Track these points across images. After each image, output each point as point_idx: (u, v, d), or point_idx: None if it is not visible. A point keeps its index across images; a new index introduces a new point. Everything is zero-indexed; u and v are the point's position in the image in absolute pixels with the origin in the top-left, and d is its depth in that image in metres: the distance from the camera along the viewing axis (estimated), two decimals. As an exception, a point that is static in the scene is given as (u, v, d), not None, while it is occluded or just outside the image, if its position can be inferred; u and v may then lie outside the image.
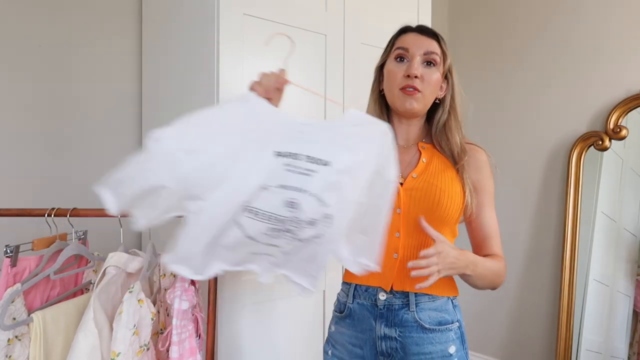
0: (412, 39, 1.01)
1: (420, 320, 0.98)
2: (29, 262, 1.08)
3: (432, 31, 1.02)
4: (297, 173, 0.79)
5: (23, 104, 1.53)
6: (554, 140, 2.22)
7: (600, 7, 2.09)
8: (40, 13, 1.56)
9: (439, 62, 1.00)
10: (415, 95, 0.98)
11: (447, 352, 0.98)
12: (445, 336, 0.99)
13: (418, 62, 0.99)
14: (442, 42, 1.02)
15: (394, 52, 1.03)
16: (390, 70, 1.02)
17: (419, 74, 0.97)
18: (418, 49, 0.99)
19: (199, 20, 1.40)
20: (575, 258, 2.08)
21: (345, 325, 1.05)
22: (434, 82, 0.99)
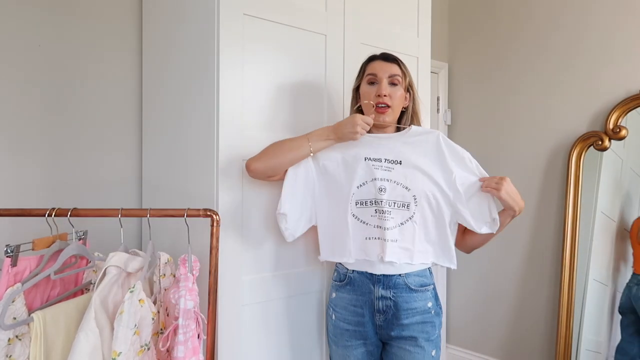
0: (379, 65, 1.33)
1: (408, 284, 1.28)
2: (29, 262, 1.08)
3: (393, 57, 1.35)
4: (382, 169, 1.28)
5: (23, 104, 1.53)
6: (554, 140, 2.22)
7: (600, 8, 2.09)
8: (40, 13, 1.56)
9: (401, 81, 1.32)
10: (387, 112, 1.31)
11: (426, 306, 1.29)
12: (425, 295, 1.30)
13: (385, 84, 1.31)
14: (402, 65, 1.34)
15: (366, 77, 1.34)
16: (365, 92, 1.34)
17: (387, 93, 1.30)
18: (384, 73, 1.31)
19: (199, 20, 1.40)
20: (575, 258, 2.08)
21: (345, 291, 1.33)
22: (398, 97, 1.32)
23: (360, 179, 1.28)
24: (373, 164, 1.28)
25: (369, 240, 1.27)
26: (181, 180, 1.51)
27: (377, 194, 1.26)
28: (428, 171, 1.29)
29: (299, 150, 1.29)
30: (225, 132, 1.34)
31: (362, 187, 1.28)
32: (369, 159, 1.29)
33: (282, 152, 1.28)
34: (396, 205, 1.27)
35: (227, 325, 1.36)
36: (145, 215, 1.15)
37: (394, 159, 1.30)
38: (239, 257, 1.38)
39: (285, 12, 1.47)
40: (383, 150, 1.31)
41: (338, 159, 1.33)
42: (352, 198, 1.28)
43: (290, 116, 1.50)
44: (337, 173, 1.32)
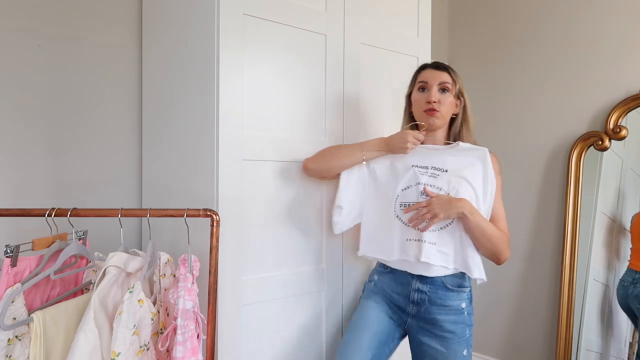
0: (429, 73, 1.41)
1: (445, 282, 1.35)
2: (29, 262, 1.08)
3: (444, 66, 1.42)
4: (427, 175, 1.35)
5: (23, 103, 1.53)
6: (554, 140, 2.22)
7: (600, 7, 2.09)
8: (40, 13, 1.56)
9: (451, 89, 1.39)
10: (436, 114, 1.38)
11: (460, 306, 1.35)
12: (460, 296, 1.36)
13: (435, 91, 1.38)
14: (452, 73, 1.41)
15: (417, 84, 1.43)
16: (416, 99, 1.43)
17: (436, 99, 1.37)
18: (434, 80, 1.39)
19: (199, 20, 1.40)
20: (575, 258, 2.08)
21: (387, 278, 1.43)
22: (448, 103, 1.39)
23: (406, 183, 1.37)
24: (419, 170, 1.37)
25: (409, 241, 1.35)
26: (181, 180, 1.51)
27: (420, 197, 1.34)
28: (472, 182, 1.34)
29: (353, 157, 1.42)
30: (225, 132, 1.34)
31: (407, 190, 1.36)
32: (416, 166, 1.38)
33: (338, 157, 1.43)
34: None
35: (227, 325, 1.36)
36: (145, 215, 1.15)
37: (440, 167, 1.37)
38: (239, 257, 1.38)
39: (285, 12, 1.46)
40: (431, 159, 1.39)
41: (387, 164, 1.44)
42: (397, 200, 1.37)
43: (290, 116, 1.50)
44: (385, 176, 1.43)
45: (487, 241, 1.30)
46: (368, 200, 1.46)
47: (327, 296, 1.59)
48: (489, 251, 1.33)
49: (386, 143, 1.40)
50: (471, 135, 1.44)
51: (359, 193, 1.46)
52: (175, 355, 1.06)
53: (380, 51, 1.73)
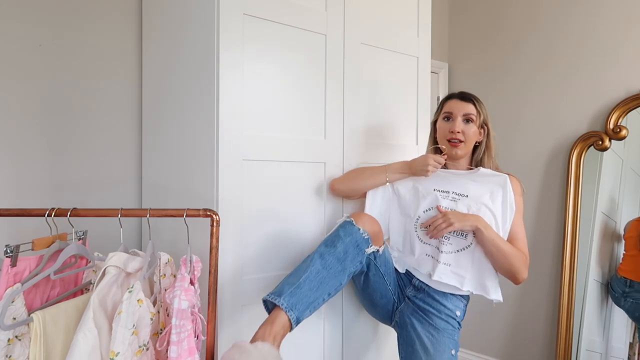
0: (455, 104, 1.46)
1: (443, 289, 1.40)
2: (29, 262, 1.08)
3: (469, 97, 1.46)
4: (448, 199, 1.41)
5: (23, 103, 1.53)
6: (554, 140, 2.22)
7: (600, 9, 2.09)
8: (40, 13, 1.56)
9: (475, 120, 1.44)
10: (459, 146, 1.44)
11: (454, 313, 1.42)
12: (457, 302, 1.43)
13: (460, 122, 1.43)
14: (477, 104, 1.45)
15: (442, 114, 1.48)
16: (440, 127, 1.49)
17: (460, 129, 1.43)
18: (459, 111, 1.44)
19: (199, 20, 1.40)
20: (575, 258, 2.08)
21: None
22: (472, 133, 1.44)
23: (427, 205, 1.43)
24: (440, 194, 1.43)
25: (426, 257, 1.43)
26: (181, 180, 1.51)
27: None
28: (492, 208, 1.38)
29: (377, 178, 1.50)
30: (225, 132, 1.34)
31: (428, 212, 1.43)
32: (437, 190, 1.44)
33: (363, 179, 1.51)
34: (455, 233, 1.38)
35: (227, 325, 1.36)
36: (145, 215, 1.15)
37: (461, 192, 1.42)
38: (239, 256, 1.38)
39: (285, 12, 1.46)
40: (452, 184, 1.44)
41: (410, 186, 1.51)
42: (418, 221, 1.44)
43: (290, 116, 1.50)
44: (407, 198, 1.50)
45: (503, 257, 1.33)
46: (392, 217, 1.53)
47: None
48: (505, 269, 1.36)
49: (409, 166, 1.47)
50: (493, 163, 1.49)
51: (383, 212, 1.53)
52: (169, 355, 1.06)
53: (380, 51, 1.73)
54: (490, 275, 1.38)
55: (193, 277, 1.24)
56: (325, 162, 1.57)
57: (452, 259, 1.37)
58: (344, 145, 1.62)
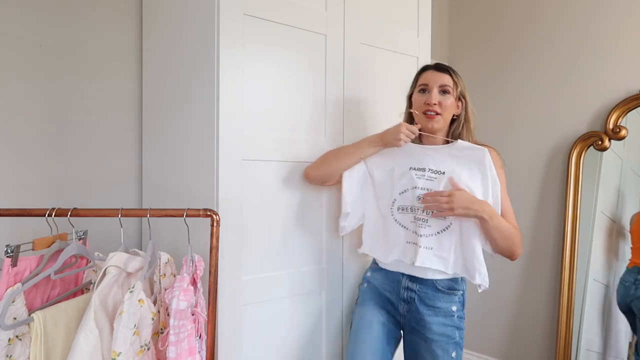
0: (430, 75, 1.39)
1: (436, 283, 1.35)
2: (29, 262, 1.08)
3: (445, 67, 1.40)
4: (424, 179, 1.34)
5: (23, 103, 1.53)
6: (554, 140, 2.22)
7: (600, 8, 2.09)
8: (41, 13, 1.56)
9: (451, 91, 1.37)
10: (436, 118, 1.36)
11: (450, 309, 1.35)
12: (451, 298, 1.35)
13: (435, 93, 1.36)
14: (454, 75, 1.39)
15: (418, 86, 1.41)
16: (416, 100, 1.41)
17: (436, 101, 1.35)
18: (435, 83, 1.37)
19: (199, 20, 1.40)
20: (575, 258, 2.08)
21: (380, 274, 1.45)
22: (449, 105, 1.37)
23: (403, 187, 1.37)
24: (416, 173, 1.36)
25: (408, 244, 1.37)
26: (181, 180, 1.51)
27: (416, 201, 1.34)
28: (469, 184, 1.31)
29: (351, 156, 1.43)
30: (225, 132, 1.34)
31: (404, 193, 1.37)
32: (413, 168, 1.37)
33: (337, 160, 1.44)
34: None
35: (227, 325, 1.36)
36: (145, 215, 1.15)
37: (437, 169, 1.35)
38: (239, 256, 1.38)
39: (285, 12, 1.47)
40: (428, 160, 1.37)
41: (386, 167, 1.43)
42: (395, 204, 1.39)
43: (290, 116, 1.50)
44: (383, 179, 1.43)
45: (505, 240, 1.29)
46: (368, 201, 1.47)
47: (327, 296, 1.59)
48: (505, 249, 1.31)
49: (381, 137, 1.40)
50: (472, 137, 1.42)
51: (360, 194, 1.47)
52: (168, 355, 1.06)
53: (380, 51, 1.73)
54: (474, 258, 1.30)
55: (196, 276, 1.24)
56: (326, 162, 1.57)
57: (433, 242, 1.32)
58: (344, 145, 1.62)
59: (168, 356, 1.05)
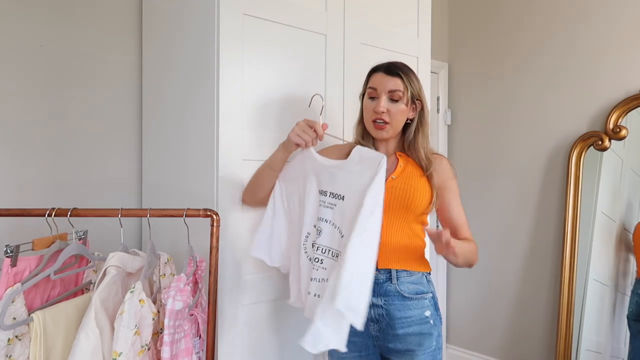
0: (380, 79, 1.25)
1: (401, 291, 1.22)
2: (29, 262, 1.08)
3: (396, 70, 1.25)
4: (325, 207, 1.20)
5: (24, 103, 1.53)
6: (554, 140, 2.22)
7: (600, 8, 2.09)
8: (41, 13, 1.56)
9: (402, 96, 1.24)
10: (385, 128, 1.25)
11: (423, 315, 1.22)
12: (421, 303, 1.23)
13: (384, 100, 1.23)
14: (405, 77, 1.24)
15: (368, 89, 1.28)
16: (365, 106, 1.29)
17: (384, 109, 1.23)
18: (384, 88, 1.24)
19: (199, 20, 1.40)
20: (575, 258, 2.08)
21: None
22: (399, 112, 1.24)
23: (311, 218, 1.22)
24: (321, 198, 1.21)
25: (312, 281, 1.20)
26: (181, 180, 1.51)
27: (316, 236, 1.20)
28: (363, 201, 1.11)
29: (267, 177, 1.30)
30: (225, 132, 1.34)
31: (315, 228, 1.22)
32: (321, 191, 1.22)
33: (257, 184, 1.33)
34: (330, 254, 1.17)
35: (227, 325, 1.36)
36: (145, 215, 1.15)
37: (338, 192, 1.19)
38: (239, 256, 1.38)
39: (285, 12, 1.47)
40: (334, 181, 1.20)
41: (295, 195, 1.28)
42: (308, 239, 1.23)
43: (290, 116, 1.50)
44: (293, 203, 1.28)
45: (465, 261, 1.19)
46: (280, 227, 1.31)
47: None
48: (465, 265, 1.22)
49: (283, 143, 1.26)
50: (427, 142, 1.29)
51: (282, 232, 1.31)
52: (162, 356, 1.05)
53: (380, 51, 1.73)
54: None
55: (198, 276, 1.24)
56: (326, 162, 1.57)
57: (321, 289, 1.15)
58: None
59: (162, 356, 1.05)
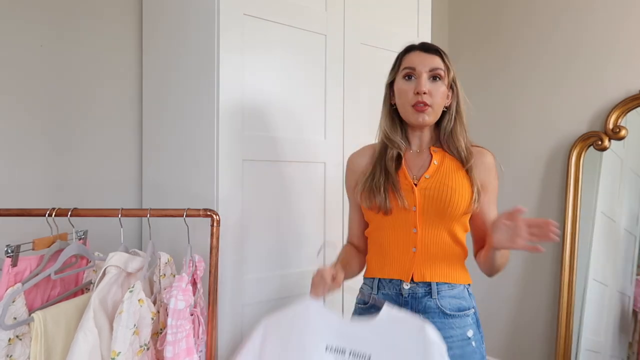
0: (418, 57, 1.11)
1: (442, 307, 1.07)
2: (29, 262, 1.08)
3: (435, 48, 1.13)
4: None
5: (24, 103, 1.53)
6: (554, 140, 2.22)
7: (600, 8, 2.09)
8: (42, 13, 1.56)
9: (444, 76, 1.11)
10: (427, 110, 1.09)
11: (465, 335, 1.07)
12: (464, 321, 1.08)
13: (425, 79, 1.09)
14: (445, 57, 1.12)
15: (402, 71, 1.13)
16: (401, 89, 1.12)
17: (427, 90, 1.08)
18: (424, 66, 1.09)
19: (199, 20, 1.41)
20: (575, 258, 2.08)
21: (370, 315, 1.06)
22: (441, 94, 1.10)
23: None
24: (335, 357, 0.98)
25: None
26: (181, 180, 1.51)
27: None
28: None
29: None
30: (225, 132, 1.34)
31: None
32: (330, 349, 0.99)
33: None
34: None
35: (227, 325, 1.36)
36: (145, 215, 1.15)
37: (361, 351, 0.97)
38: (239, 256, 1.38)
39: (285, 12, 1.47)
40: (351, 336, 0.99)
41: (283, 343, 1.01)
42: None
43: (290, 116, 1.50)
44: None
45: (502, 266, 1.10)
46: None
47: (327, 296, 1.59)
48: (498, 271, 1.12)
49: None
50: (465, 132, 1.15)
51: None
52: (165, 355, 1.06)
53: (380, 51, 1.73)
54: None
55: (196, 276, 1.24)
56: (325, 162, 1.58)
57: None
58: (344, 145, 1.62)
59: (165, 356, 1.06)
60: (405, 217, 1.09)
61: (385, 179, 1.10)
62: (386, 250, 1.13)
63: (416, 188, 1.09)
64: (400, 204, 1.07)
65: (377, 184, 1.09)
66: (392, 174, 1.10)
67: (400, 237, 1.10)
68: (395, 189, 1.08)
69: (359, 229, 1.23)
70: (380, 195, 1.08)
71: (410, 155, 1.15)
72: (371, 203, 1.10)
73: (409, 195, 1.08)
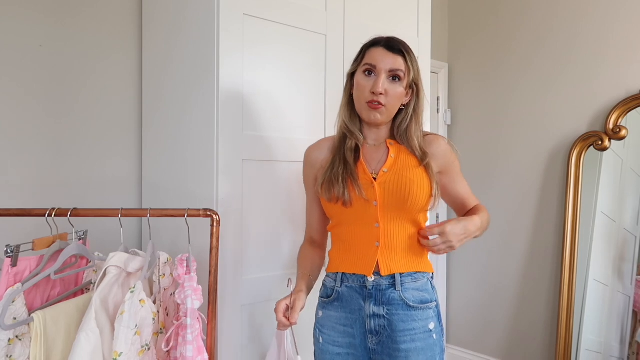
0: (380, 55, 1.10)
1: (405, 299, 1.09)
2: (29, 262, 1.08)
3: (398, 47, 1.12)
4: None
5: (24, 103, 1.53)
6: (554, 140, 2.22)
7: (600, 8, 2.09)
8: (41, 13, 1.56)
9: (403, 77, 1.11)
10: (380, 110, 1.10)
11: (427, 328, 1.10)
12: (426, 314, 1.11)
13: (384, 79, 1.09)
14: (408, 57, 1.12)
15: (363, 65, 1.12)
16: (359, 83, 1.12)
17: (383, 90, 1.08)
18: (385, 65, 1.09)
19: (199, 21, 1.41)
20: (575, 258, 2.08)
21: (333, 308, 1.15)
22: (397, 95, 1.11)
23: None
24: None
25: None
26: (181, 180, 1.51)
27: None
28: None
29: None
30: (225, 132, 1.34)
31: None
32: None
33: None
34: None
35: (227, 325, 1.36)
36: (145, 215, 1.15)
37: None
38: (239, 257, 1.38)
39: (285, 12, 1.47)
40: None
41: None
42: None
43: (290, 116, 1.50)
44: None
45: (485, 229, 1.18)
46: None
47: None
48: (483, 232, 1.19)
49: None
50: (420, 131, 1.16)
51: None
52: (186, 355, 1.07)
53: (380, 51, 1.73)
54: None
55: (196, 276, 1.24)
56: (326, 162, 1.57)
57: None
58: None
59: (187, 355, 1.07)
60: (367, 211, 1.10)
61: (344, 169, 1.10)
62: (349, 246, 1.14)
63: (376, 182, 1.09)
64: (358, 194, 1.08)
65: (336, 174, 1.10)
66: (351, 165, 1.11)
67: (363, 232, 1.11)
68: (354, 180, 1.09)
69: (319, 224, 1.25)
70: (339, 185, 1.09)
71: (368, 150, 1.15)
72: (330, 194, 1.10)
73: (369, 190, 1.09)
